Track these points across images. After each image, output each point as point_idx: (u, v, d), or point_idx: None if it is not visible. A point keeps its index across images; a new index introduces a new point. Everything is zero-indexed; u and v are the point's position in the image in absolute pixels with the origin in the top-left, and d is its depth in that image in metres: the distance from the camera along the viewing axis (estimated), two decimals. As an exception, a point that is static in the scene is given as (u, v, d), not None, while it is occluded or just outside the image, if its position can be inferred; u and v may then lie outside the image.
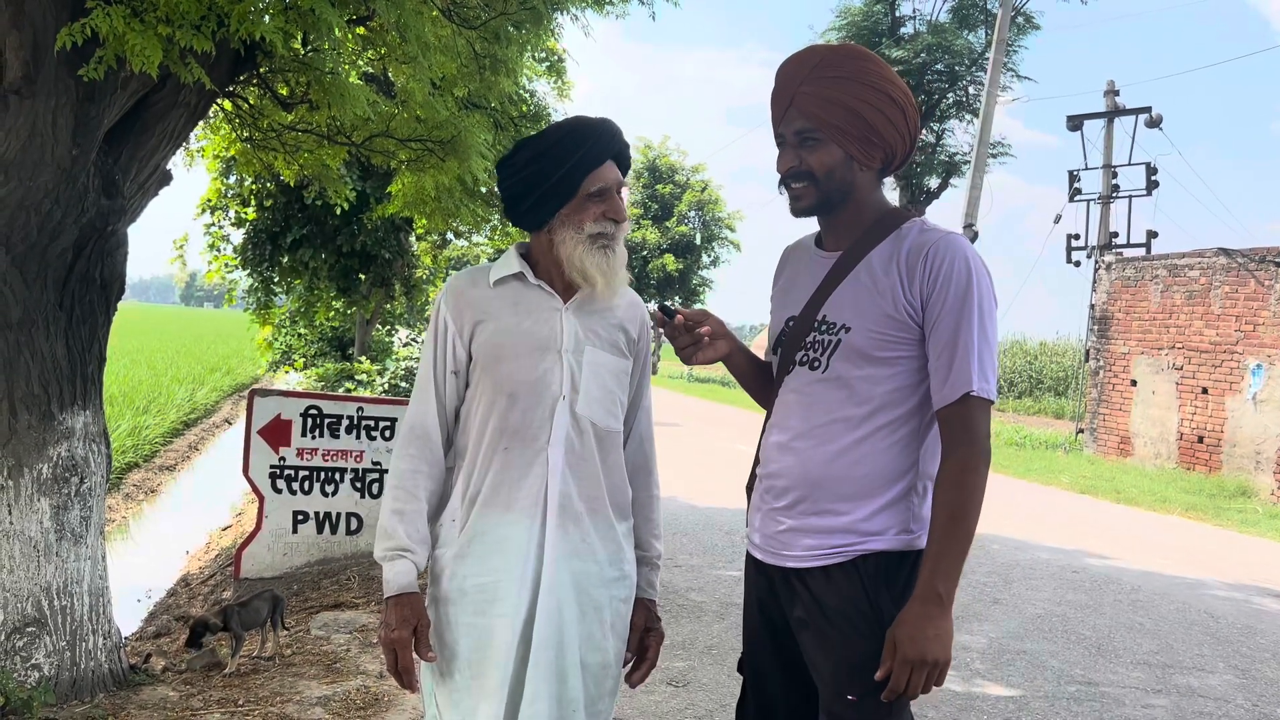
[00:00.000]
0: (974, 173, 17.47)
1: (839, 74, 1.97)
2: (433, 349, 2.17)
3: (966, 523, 1.83)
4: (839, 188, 2.00)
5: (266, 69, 4.59)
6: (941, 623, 1.80)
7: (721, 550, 7.64)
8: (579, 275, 2.10)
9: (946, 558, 1.82)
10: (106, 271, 3.98)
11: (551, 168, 2.09)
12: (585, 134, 2.13)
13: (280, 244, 13.48)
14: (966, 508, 1.84)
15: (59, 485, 3.83)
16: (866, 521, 1.92)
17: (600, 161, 2.12)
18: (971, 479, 1.84)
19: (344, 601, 5.55)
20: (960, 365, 1.86)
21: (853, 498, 1.94)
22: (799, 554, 1.98)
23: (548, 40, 8.17)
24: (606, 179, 2.12)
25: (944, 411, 1.89)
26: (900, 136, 1.99)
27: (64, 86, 3.56)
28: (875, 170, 2.02)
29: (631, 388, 2.26)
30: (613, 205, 2.12)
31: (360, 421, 6.43)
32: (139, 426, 13.86)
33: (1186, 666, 5.32)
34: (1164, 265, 15.50)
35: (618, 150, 2.17)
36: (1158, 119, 17.88)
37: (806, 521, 1.98)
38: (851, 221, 2.04)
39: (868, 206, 2.04)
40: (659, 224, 35.90)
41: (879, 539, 1.92)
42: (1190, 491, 12.83)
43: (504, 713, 2.00)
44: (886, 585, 1.91)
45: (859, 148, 1.97)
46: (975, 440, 1.86)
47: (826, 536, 1.95)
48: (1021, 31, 21.52)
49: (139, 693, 4.02)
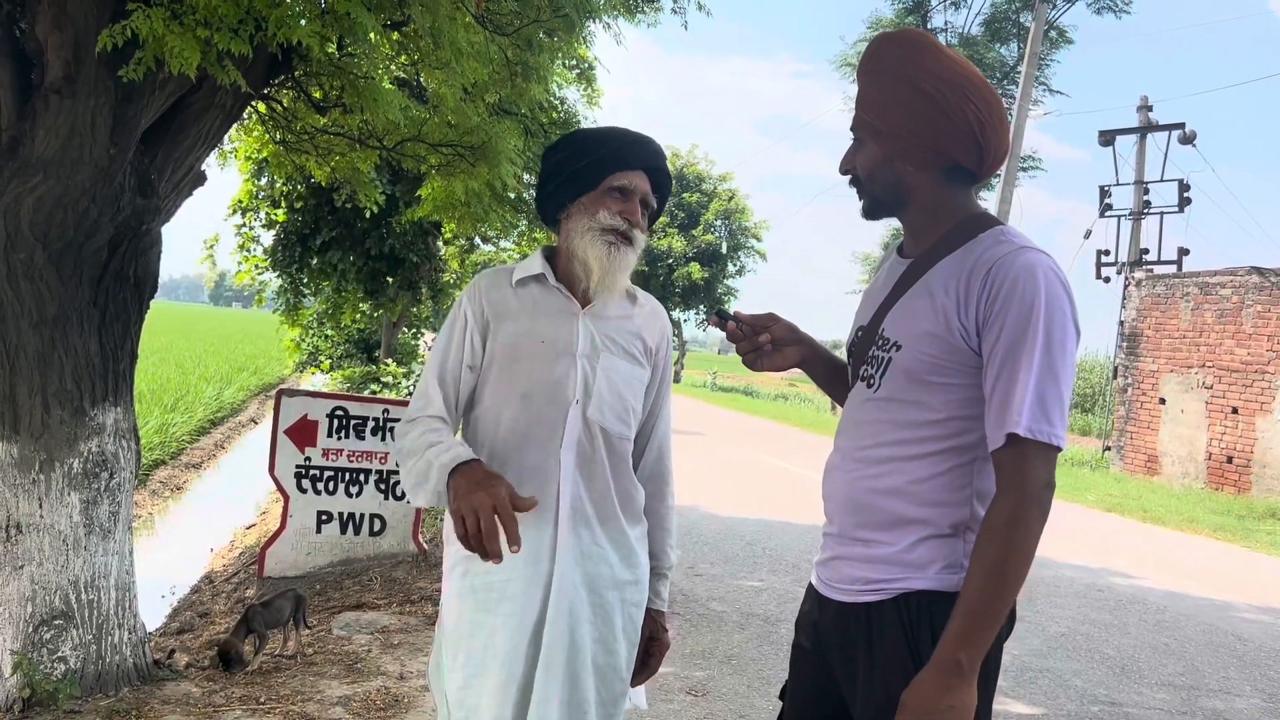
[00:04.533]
0: (1004, 186, 17.36)
1: (878, 67, 1.81)
2: (447, 341, 2.16)
3: (1005, 582, 1.58)
4: (887, 189, 1.83)
5: (301, 72, 4.64)
6: (960, 694, 1.57)
7: (742, 560, 7.61)
8: (580, 263, 2.11)
9: (975, 620, 1.58)
10: (140, 270, 4.03)
11: (582, 154, 2.14)
12: (624, 136, 2.18)
13: (310, 246, 13.60)
14: (1006, 565, 1.58)
15: (89, 480, 3.88)
16: (908, 553, 1.73)
17: (632, 166, 2.15)
18: (1017, 533, 1.58)
19: (366, 602, 5.57)
20: (1012, 403, 1.60)
21: (894, 527, 1.75)
22: (843, 586, 1.83)
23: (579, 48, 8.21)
24: (633, 181, 2.14)
25: (995, 455, 1.64)
26: (941, 131, 1.74)
27: (103, 87, 3.61)
28: (939, 170, 1.79)
29: (650, 396, 2.25)
30: (631, 206, 2.13)
31: (385, 423, 6.47)
32: (166, 424, 14.00)
33: (1213, 689, 5.25)
34: (1195, 283, 15.33)
35: (654, 165, 2.18)
36: (1191, 135, 17.72)
37: (850, 550, 1.82)
38: (924, 227, 1.84)
39: (940, 211, 1.82)
40: (685, 232, 35.89)
41: (921, 575, 1.72)
42: (1218, 512, 12.67)
43: (513, 713, 2.00)
44: (930, 629, 1.69)
45: (892, 145, 1.79)
46: (1026, 490, 1.59)
47: (869, 569, 1.78)
48: (1054, 45, 21.40)
49: (162, 688, 4.05)
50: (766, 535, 8.71)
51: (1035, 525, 1.60)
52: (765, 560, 7.68)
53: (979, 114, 1.75)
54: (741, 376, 43.07)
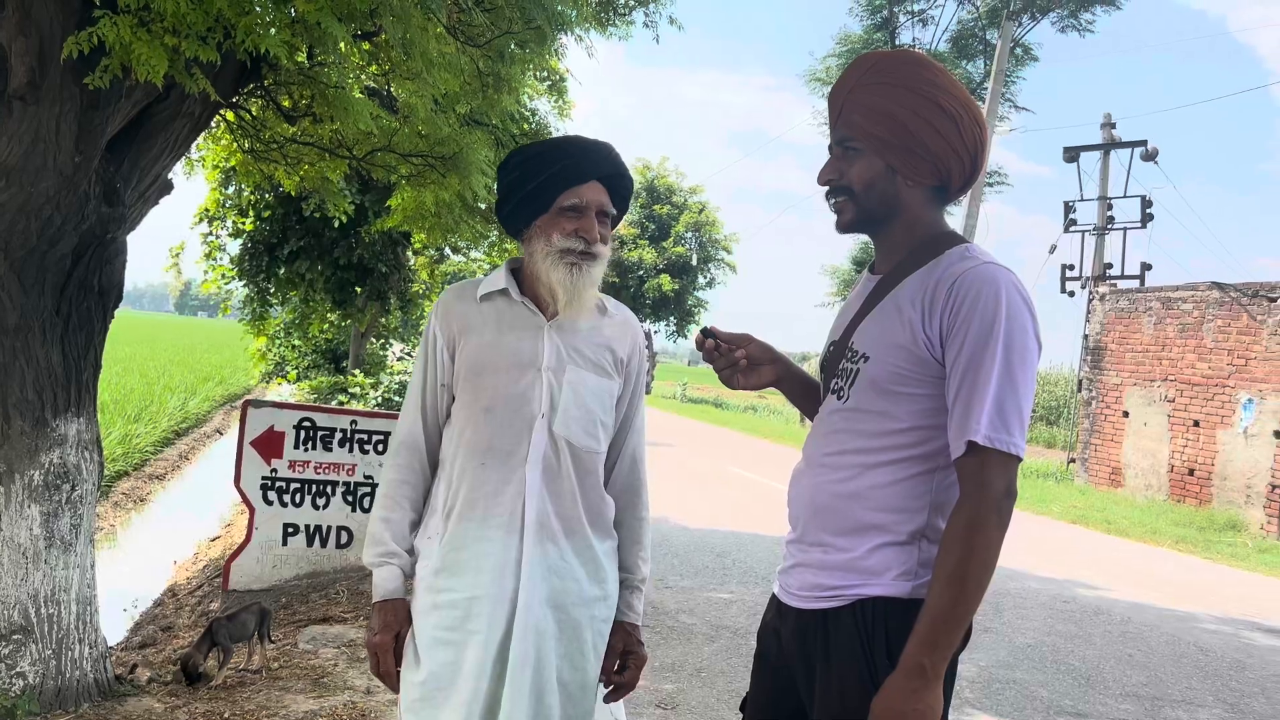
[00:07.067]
0: (971, 201, 17.56)
1: (887, 80, 1.80)
2: (423, 361, 2.19)
3: (966, 587, 1.61)
4: (880, 203, 1.84)
5: (271, 81, 4.61)
6: (925, 697, 1.61)
7: (712, 572, 7.61)
8: (544, 288, 2.11)
9: (937, 625, 1.62)
10: (105, 279, 3.98)
11: (531, 175, 2.11)
12: (571, 149, 2.14)
13: (277, 255, 13.48)
14: (967, 571, 1.61)
15: (50, 492, 3.81)
16: (865, 559, 1.75)
17: (583, 179, 2.11)
18: (976, 539, 1.62)
19: (332, 615, 5.52)
20: (972, 412, 1.64)
21: (853, 532, 1.78)
22: (803, 594, 1.84)
23: (550, 60, 8.22)
24: (584, 196, 2.10)
25: (957, 463, 1.68)
26: (953, 151, 1.79)
27: (69, 94, 3.57)
28: (926, 188, 1.84)
29: (622, 408, 2.23)
30: (585, 224, 2.10)
31: (353, 435, 6.41)
32: (130, 435, 13.82)
33: (1176, 700, 5.31)
34: (1157, 297, 15.56)
35: (607, 174, 2.14)
36: (1153, 152, 18.02)
37: (810, 556, 1.84)
38: (899, 243, 1.86)
39: (918, 228, 1.85)
40: (655, 244, 35.94)
41: (878, 582, 1.74)
42: (1180, 524, 12.84)
43: None
44: (885, 636, 1.72)
45: (902, 159, 1.80)
46: (986, 497, 1.63)
47: (826, 575, 1.80)
48: (1020, 63, 21.66)
49: (124, 703, 3.98)
50: (736, 547, 8.71)
51: (994, 532, 1.63)
52: (735, 572, 7.69)
53: (981, 138, 1.82)
54: (712, 388, 43.16)
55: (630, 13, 5.69)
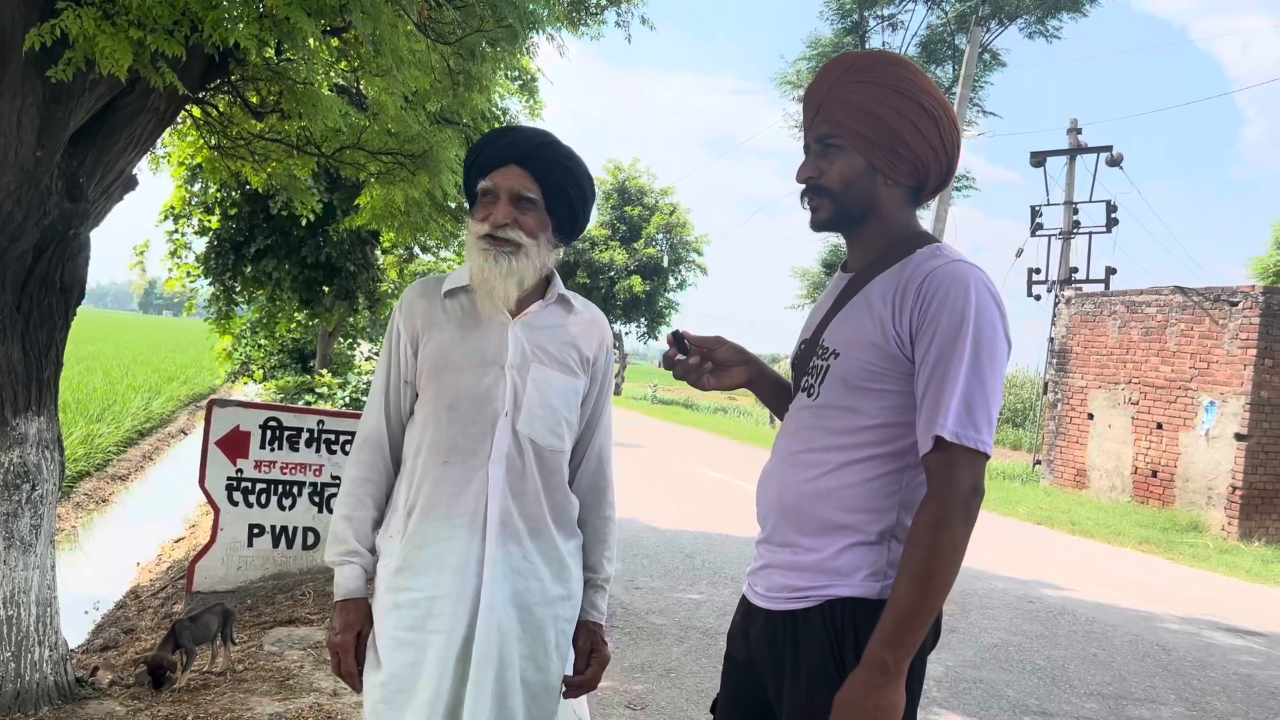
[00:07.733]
0: (939, 205, 17.71)
1: (870, 79, 1.80)
2: (387, 358, 2.17)
3: (931, 584, 1.61)
4: (858, 202, 1.83)
5: (238, 76, 4.55)
6: (886, 694, 1.60)
7: (682, 573, 7.62)
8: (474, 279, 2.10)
9: (900, 622, 1.61)
10: (67, 276, 3.91)
11: (466, 171, 2.16)
12: (486, 138, 2.15)
13: (244, 254, 13.33)
14: (932, 568, 1.61)
15: (9, 492, 3.74)
16: (834, 560, 1.75)
17: (497, 164, 2.09)
18: (942, 536, 1.61)
19: (298, 617, 5.46)
20: (940, 408, 1.64)
21: (822, 533, 1.77)
22: (772, 595, 1.83)
23: (522, 58, 8.18)
24: (495, 180, 2.08)
25: (924, 459, 1.68)
26: (932, 151, 1.80)
27: (30, 87, 3.50)
28: (904, 188, 1.84)
29: (588, 407, 2.22)
30: (492, 208, 2.07)
31: (320, 435, 6.35)
32: (92, 434, 13.62)
33: (1138, 698, 5.38)
34: (1122, 301, 15.76)
35: (523, 154, 2.09)
36: (1118, 158, 18.27)
37: (779, 557, 1.83)
38: (873, 242, 1.86)
39: (892, 227, 1.85)
40: (626, 245, 35.95)
41: (846, 583, 1.74)
42: (1144, 525, 13.01)
43: None
44: (854, 637, 1.71)
45: (883, 158, 1.80)
46: (952, 494, 1.62)
47: (795, 576, 1.79)
48: (988, 68, 21.88)
49: (84, 706, 3.92)
50: (706, 548, 8.72)
51: (960, 529, 1.63)
52: (705, 573, 7.69)
53: (958, 140, 1.84)
54: (682, 390, 43.21)
55: (602, 12, 5.68)
